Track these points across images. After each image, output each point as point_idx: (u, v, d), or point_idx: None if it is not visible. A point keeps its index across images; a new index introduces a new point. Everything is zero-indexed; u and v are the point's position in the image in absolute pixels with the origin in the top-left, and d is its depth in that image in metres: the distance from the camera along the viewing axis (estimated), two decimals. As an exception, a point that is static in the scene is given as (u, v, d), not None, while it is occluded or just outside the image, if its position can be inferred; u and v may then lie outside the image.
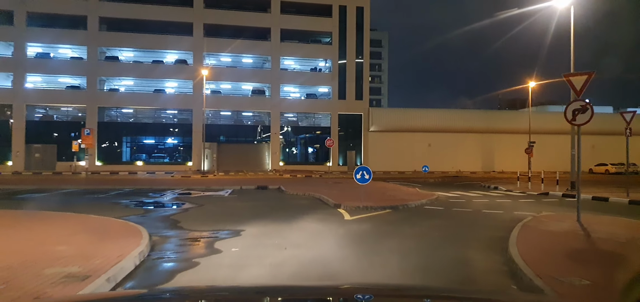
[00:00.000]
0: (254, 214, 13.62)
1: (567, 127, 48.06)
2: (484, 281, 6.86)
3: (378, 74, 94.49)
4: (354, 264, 7.64)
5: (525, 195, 21.52)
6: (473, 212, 14.76)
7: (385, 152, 50.36)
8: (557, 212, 14.26)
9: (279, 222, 12.12)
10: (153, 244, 9.07)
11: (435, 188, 26.52)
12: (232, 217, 13.14)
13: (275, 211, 14.43)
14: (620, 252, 8.22)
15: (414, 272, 7.23)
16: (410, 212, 14.57)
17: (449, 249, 9.06)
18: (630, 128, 18.33)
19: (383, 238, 10.12)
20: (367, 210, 14.57)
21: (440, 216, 13.92)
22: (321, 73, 51.86)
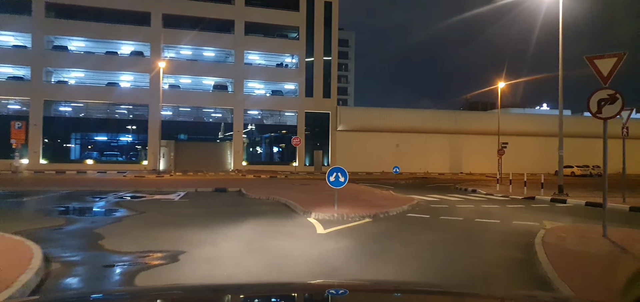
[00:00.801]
0: (204, 226, 10.77)
1: (537, 129, 46.96)
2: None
3: (345, 74, 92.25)
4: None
5: (509, 199, 19.42)
6: (465, 222, 12.36)
7: (353, 152, 48.00)
8: (565, 222, 12.01)
9: (234, 239, 9.32)
10: (44, 276, 6.18)
11: (409, 190, 24.25)
12: (176, 230, 10.25)
13: (231, 222, 11.60)
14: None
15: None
16: (393, 222, 12.02)
17: (468, 283, 6.53)
18: (627, 127, 16.43)
19: (372, 263, 7.51)
20: (343, 220, 11.93)
21: (431, 227, 11.43)
22: (287, 69, 49.04)
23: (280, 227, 10.90)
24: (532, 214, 14.09)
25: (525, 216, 13.69)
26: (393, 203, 15.58)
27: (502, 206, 16.48)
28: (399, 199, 17.59)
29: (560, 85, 20.65)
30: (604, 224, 9.37)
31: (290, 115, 48.32)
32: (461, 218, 12.98)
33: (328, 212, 12.61)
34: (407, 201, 16.68)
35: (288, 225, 11.23)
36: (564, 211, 15.46)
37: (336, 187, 12.89)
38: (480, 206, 16.63)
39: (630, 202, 16.24)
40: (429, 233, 10.57)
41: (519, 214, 14.08)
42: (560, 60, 20.41)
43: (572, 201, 17.51)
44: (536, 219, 12.73)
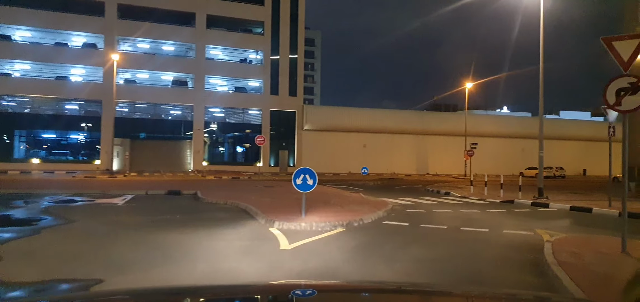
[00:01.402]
0: (141, 241, 8.69)
1: (501, 130, 46.30)
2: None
3: (311, 73, 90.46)
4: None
5: (487, 203, 18.02)
6: (451, 232, 10.70)
7: (319, 153, 46.22)
8: (560, 231, 10.49)
9: (173, 260, 7.29)
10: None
11: (380, 193, 22.63)
12: (102, 248, 8.12)
13: (176, 235, 9.53)
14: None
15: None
16: (370, 232, 10.24)
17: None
18: (614, 127, 15.22)
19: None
20: (311, 230, 10.04)
21: (414, 239, 9.70)
22: (251, 65, 46.78)
23: (235, 241, 8.90)
24: (519, 221, 12.60)
25: (512, 223, 12.17)
26: (366, 208, 13.82)
27: (483, 211, 14.98)
28: (371, 203, 15.86)
29: (541, 88, 19.44)
30: (623, 238, 7.84)
31: (254, 113, 46.11)
32: (445, 226, 11.31)
33: (294, 220, 10.70)
34: (380, 205, 14.97)
35: (245, 238, 9.26)
36: (550, 216, 14.08)
37: (304, 191, 11.00)
38: (459, 210, 15.09)
39: (618, 207, 15.00)
40: (415, 247, 8.82)
41: (505, 221, 12.56)
42: (541, 64, 19.22)
43: (555, 205, 16.22)
44: (527, 227, 11.21)
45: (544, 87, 19.54)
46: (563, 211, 15.19)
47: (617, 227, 11.63)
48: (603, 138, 55.00)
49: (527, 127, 56.78)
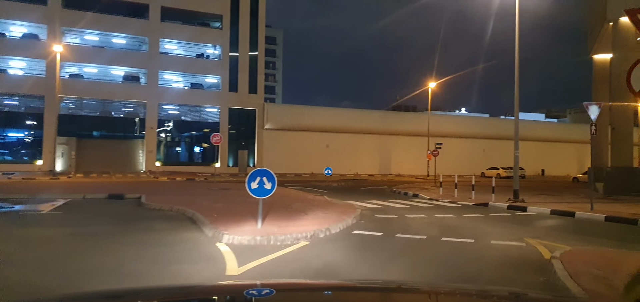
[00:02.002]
0: (49, 265, 6.63)
1: (463, 130, 45.60)
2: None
3: (272, 72, 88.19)
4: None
5: (460, 206, 16.67)
6: (431, 243, 9.13)
7: (281, 153, 44.30)
8: (551, 240, 9.09)
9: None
10: None
11: (345, 195, 21.03)
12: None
13: (97, 254, 7.50)
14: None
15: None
16: (339, 246, 8.51)
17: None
18: (595, 126, 14.15)
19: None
20: (269, 245, 8.21)
21: (393, 255, 8.05)
22: (209, 60, 44.31)
23: (168, 265, 6.90)
24: (502, 228, 11.19)
25: (496, 231, 10.72)
26: (333, 214, 12.09)
27: (459, 216, 13.55)
28: (337, 207, 14.16)
29: (516, 88, 18.27)
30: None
31: (212, 111, 43.65)
32: (423, 237, 9.71)
33: (248, 231, 8.85)
34: (348, 210, 13.29)
35: (185, 259, 7.31)
36: (532, 221, 12.79)
37: (260, 197, 9.16)
38: (433, 215, 13.60)
39: (600, 210, 13.91)
40: (395, 268, 7.15)
41: (487, 228, 11.11)
42: (517, 66, 18.05)
43: (532, 208, 14.98)
44: (515, 237, 9.78)
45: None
46: (543, 215, 13.94)
47: (611, 235, 10.44)
48: (560, 139, 55.53)
49: (488, 128, 56.86)
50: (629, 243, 9.63)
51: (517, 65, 17.66)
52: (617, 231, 11.14)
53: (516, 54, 17.82)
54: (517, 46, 17.80)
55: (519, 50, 17.76)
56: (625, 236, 10.45)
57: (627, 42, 21.29)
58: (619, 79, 21.29)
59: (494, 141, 55.79)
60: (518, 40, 17.67)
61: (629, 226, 11.43)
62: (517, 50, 17.83)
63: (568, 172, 56.85)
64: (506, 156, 56.48)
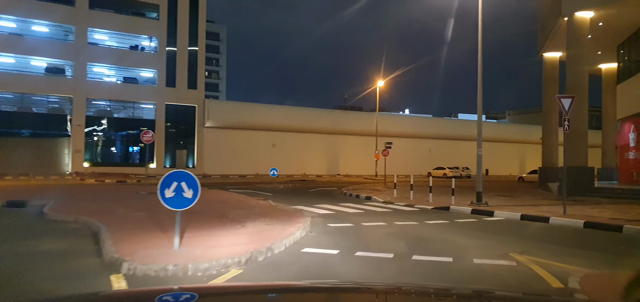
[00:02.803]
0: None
1: (410, 130, 44.57)
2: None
3: (216, 69, 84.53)
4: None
5: (418, 210, 15.01)
6: (400, 262, 7.23)
7: (223, 152, 41.54)
8: (551, 259, 7.43)
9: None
10: None
11: (292, 198, 18.97)
12: None
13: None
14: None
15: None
16: (285, 274, 6.41)
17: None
18: (569, 120, 12.84)
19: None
20: (184, 277, 5.93)
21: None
22: (144, 53, 40.75)
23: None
24: (477, 239, 9.49)
25: (472, 244, 8.98)
26: (277, 225, 9.95)
27: (421, 223, 11.77)
28: (283, 215, 12.02)
29: (479, 88, 16.85)
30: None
31: (147, 107, 40.18)
32: (390, 255, 7.74)
33: (160, 256, 6.54)
34: (296, 219, 11.19)
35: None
36: (504, 229, 11.22)
37: (178, 209, 6.87)
38: (392, 223, 11.74)
39: (573, 214, 12.60)
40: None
41: (460, 240, 9.37)
42: (480, 66, 16.58)
43: (499, 212, 13.46)
44: (497, 251, 8.06)
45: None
46: (514, 222, 12.38)
47: (601, 246, 8.94)
48: (502, 139, 55.80)
49: (433, 128, 56.58)
50: (633, 258, 8.17)
51: (480, 66, 16.24)
52: (604, 240, 9.72)
53: (479, 55, 16.42)
54: (480, 48, 16.41)
55: (481, 52, 16.35)
56: (617, 247, 9.01)
57: (581, 38, 20.56)
58: (574, 76, 20.51)
59: (440, 141, 55.62)
60: (481, 44, 16.28)
61: (614, 234, 10.06)
62: (480, 52, 16.44)
63: (510, 171, 57.63)
64: (451, 156, 56.55)
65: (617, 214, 12.41)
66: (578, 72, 20.41)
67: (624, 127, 23.85)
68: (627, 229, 10.08)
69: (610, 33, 22.92)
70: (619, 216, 12.10)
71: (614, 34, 23.26)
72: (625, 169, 23.42)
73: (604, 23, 21.33)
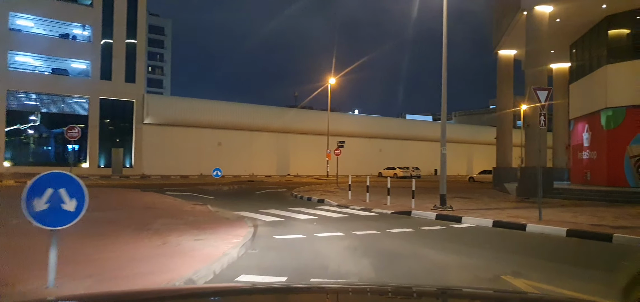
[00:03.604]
0: None
1: (363, 130, 43.43)
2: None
3: (160, 64, 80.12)
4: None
5: (377, 215, 13.33)
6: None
7: (165, 151, 38.48)
8: (549, 283, 5.83)
9: None
10: None
11: (235, 201, 16.90)
12: None
13: None
14: None
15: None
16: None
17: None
18: (545, 114, 11.48)
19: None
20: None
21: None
22: (76, 42, 36.92)
23: None
24: (455, 254, 7.84)
25: (450, 261, 7.33)
26: (211, 239, 7.89)
27: (384, 233, 10.03)
28: (220, 224, 9.94)
29: (444, 87, 15.33)
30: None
31: (80, 102, 36.46)
32: (354, 281, 5.91)
33: (26, 295, 4.35)
34: (235, 229, 9.17)
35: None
36: (481, 240, 9.69)
37: (53, 227, 4.68)
38: (350, 232, 9.93)
39: (550, 219, 11.26)
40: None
41: (435, 256, 7.68)
42: (444, 66, 15.09)
43: (468, 219, 11.92)
44: (485, 273, 6.44)
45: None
46: (487, 230, 10.83)
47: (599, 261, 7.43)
48: (449, 139, 55.99)
49: (384, 128, 55.70)
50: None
51: (444, 66, 14.74)
52: (597, 253, 8.30)
53: (444, 54, 14.95)
54: (444, 48, 14.94)
55: (446, 52, 14.87)
56: (618, 262, 7.57)
57: (540, 33, 19.69)
58: (533, 72, 19.60)
59: (390, 141, 54.86)
60: (445, 45, 14.80)
61: (604, 245, 8.69)
62: (444, 51, 14.97)
63: (458, 171, 57.75)
64: (401, 156, 55.94)
65: (595, 220, 11.20)
66: (537, 68, 19.51)
67: (577, 126, 23.37)
68: (618, 239, 8.76)
69: (565, 31, 22.32)
70: (597, 221, 10.88)
71: (568, 32, 22.70)
72: (578, 169, 22.91)
73: (561, 19, 20.61)
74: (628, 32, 19.99)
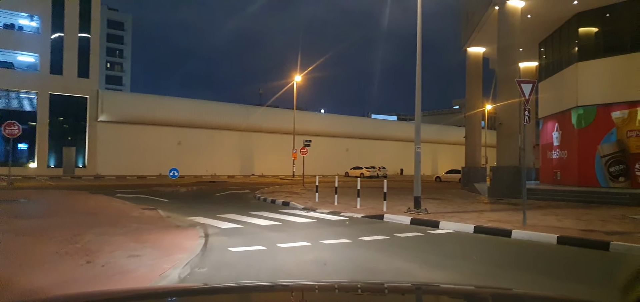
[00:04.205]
0: None
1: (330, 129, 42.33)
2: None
3: (119, 61, 76.69)
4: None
5: (347, 220, 12.12)
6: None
7: (121, 150, 36.23)
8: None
9: None
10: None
11: (190, 206, 15.39)
12: None
13: None
14: None
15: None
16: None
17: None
18: (529, 109, 10.54)
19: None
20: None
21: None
22: (23, 33, 34.20)
23: None
24: (439, 268, 6.72)
25: (441, 278, 6.18)
26: (150, 255, 6.47)
27: (356, 241, 8.81)
28: (167, 234, 8.50)
29: (418, 83, 14.25)
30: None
31: (27, 97, 33.76)
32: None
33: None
34: (182, 242, 7.75)
35: None
36: (466, 248, 8.64)
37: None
38: (318, 241, 8.67)
39: (536, 224, 10.32)
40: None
41: (417, 271, 6.54)
42: (419, 62, 13.99)
43: (447, 224, 10.80)
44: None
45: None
46: (468, 237, 9.76)
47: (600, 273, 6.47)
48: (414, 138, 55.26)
49: (351, 127, 54.79)
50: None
51: (419, 62, 13.68)
52: (601, 265, 7.27)
53: (418, 50, 13.88)
54: (419, 45, 13.85)
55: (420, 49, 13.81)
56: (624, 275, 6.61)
57: (513, 28, 19.01)
58: (505, 69, 18.90)
59: (357, 140, 54.04)
60: (420, 41, 13.75)
61: (603, 254, 7.73)
62: (418, 47, 13.88)
63: (424, 171, 57.17)
64: (367, 155, 55.20)
65: (582, 224, 10.33)
66: (510, 65, 18.82)
67: (547, 125, 22.93)
68: (616, 247, 7.82)
69: (533, 29, 21.81)
70: (585, 226, 10.00)
71: (537, 30, 22.21)
72: (548, 168, 22.44)
73: (532, 15, 20.01)
74: (599, 30, 19.58)
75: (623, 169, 18.21)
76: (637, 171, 17.76)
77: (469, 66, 25.80)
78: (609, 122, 18.58)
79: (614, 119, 18.49)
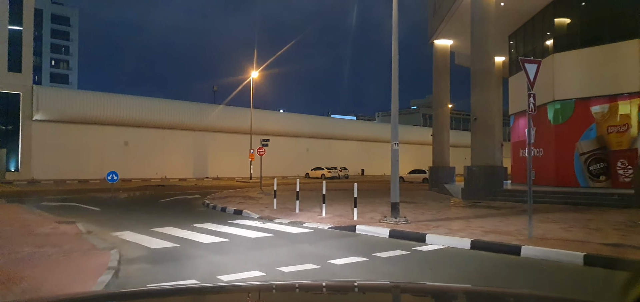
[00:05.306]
0: None
1: (289, 129, 39.73)
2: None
3: (65, 58, 71.24)
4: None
5: (312, 232, 9.87)
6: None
7: (60, 152, 32.50)
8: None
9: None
10: None
11: (125, 215, 12.79)
12: None
13: None
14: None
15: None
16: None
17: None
18: (534, 95, 8.61)
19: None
20: None
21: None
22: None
23: None
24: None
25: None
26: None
27: (325, 267, 6.55)
28: (59, 267, 5.98)
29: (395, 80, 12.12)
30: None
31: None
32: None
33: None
34: (73, 281, 5.26)
35: None
36: (469, 275, 6.57)
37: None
38: (275, 268, 6.38)
39: (542, 236, 8.40)
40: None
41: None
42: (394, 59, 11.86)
43: (435, 238, 8.64)
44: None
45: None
46: (467, 256, 7.63)
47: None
48: (375, 138, 54.10)
49: (311, 126, 52.60)
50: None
51: (395, 60, 11.59)
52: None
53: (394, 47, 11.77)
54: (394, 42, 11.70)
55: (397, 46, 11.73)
56: None
57: (486, 15, 17.32)
58: (480, 58, 17.19)
59: (317, 140, 51.94)
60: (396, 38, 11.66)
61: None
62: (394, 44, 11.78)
63: (384, 171, 56.03)
64: (328, 156, 53.17)
65: (598, 236, 8.43)
66: (484, 54, 17.12)
67: (518, 122, 21.52)
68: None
69: (502, 21, 20.28)
70: (603, 238, 8.11)
71: (506, 22, 20.75)
72: (521, 168, 20.99)
73: (506, 3, 18.43)
74: (575, 19, 18.23)
75: (604, 168, 16.85)
76: (619, 170, 16.42)
77: (436, 60, 24.09)
78: (588, 118, 17.20)
79: (593, 114, 17.13)
